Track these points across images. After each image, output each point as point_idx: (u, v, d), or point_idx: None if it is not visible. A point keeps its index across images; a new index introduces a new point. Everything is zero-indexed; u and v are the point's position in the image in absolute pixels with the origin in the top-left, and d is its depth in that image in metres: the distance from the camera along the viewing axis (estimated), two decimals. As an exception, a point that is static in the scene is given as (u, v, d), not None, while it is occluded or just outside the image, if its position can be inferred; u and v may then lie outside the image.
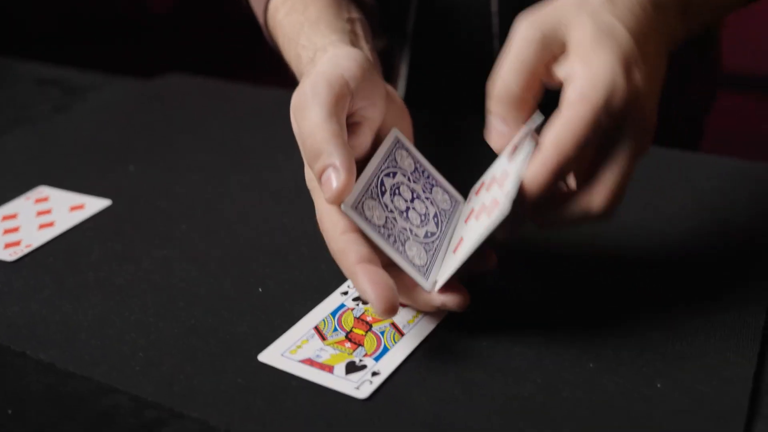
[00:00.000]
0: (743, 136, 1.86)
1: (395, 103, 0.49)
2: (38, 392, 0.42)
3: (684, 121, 0.87)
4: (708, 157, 0.65)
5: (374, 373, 0.42)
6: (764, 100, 2.20)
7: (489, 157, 0.47)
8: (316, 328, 0.46)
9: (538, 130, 0.43)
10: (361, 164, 0.45)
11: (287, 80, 0.63)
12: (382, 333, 0.45)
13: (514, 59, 0.42)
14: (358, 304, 0.48)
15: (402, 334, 0.45)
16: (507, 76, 0.43)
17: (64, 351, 0.45)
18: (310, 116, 0.43)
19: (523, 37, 0.42)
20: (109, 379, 0.42)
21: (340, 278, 0.50)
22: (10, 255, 0.54)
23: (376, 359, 0.43)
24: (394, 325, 0.46)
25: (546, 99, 0.45)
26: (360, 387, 0.41)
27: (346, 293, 0.49)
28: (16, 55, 1.03)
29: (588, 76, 0.40)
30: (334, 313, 0.47)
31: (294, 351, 0.44)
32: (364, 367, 0.42)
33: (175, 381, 0.42)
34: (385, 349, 0.44)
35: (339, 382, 0.41)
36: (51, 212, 0.60)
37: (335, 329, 0.45)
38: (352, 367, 0.42)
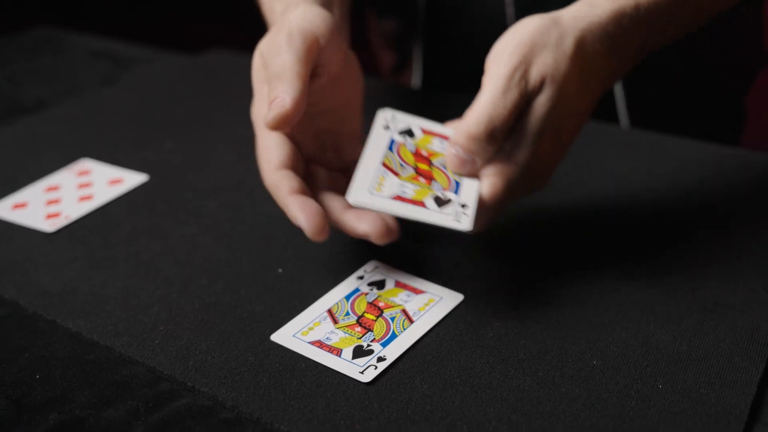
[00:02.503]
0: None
1: (352, 68, 0.52)
2: (64, 359, 0.45)
3: (722, 104, 0.85)
4: (741, 152, 0.64)
5: (380, 359, 0.43)
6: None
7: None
8: (329, 311, 0.47)
9: None
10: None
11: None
12: (392, 319, 0.46)
13: (495, 100, 0.44)
14: (372, 289, 0.49)
15: (411, 321, 0.46)
16: (490, 112, 0.44)
17: (91, 321, 0.47)
18: (282, 58, 0.46)
19: (505, 77, 0.44)
20: (129, 351, 0.45)
21: (357, 262, 0.51)
22: (50, 226, 0.57)
23: (384, 345, 0.44)
24: (404, 311, 0.47)
25: None
26: (365, 371, 0.42)
27: (361, 278, 0.50)
28: (72, 26, 1.07)
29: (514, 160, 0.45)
30: (348, 297, 0.48)
31: (305, 333, 0.45)
32: (371, 352, 0.44)
33: (191, 356, 0.44)
34: (393, 335, 0.45)
35: (345, 365, 0.43)
36: (91, 185, 0.62)
37: (347, 313, 0.47)
38: (359, 352, 0.44)
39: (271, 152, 0.47)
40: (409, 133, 0.48)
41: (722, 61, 0.81)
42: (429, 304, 0.47)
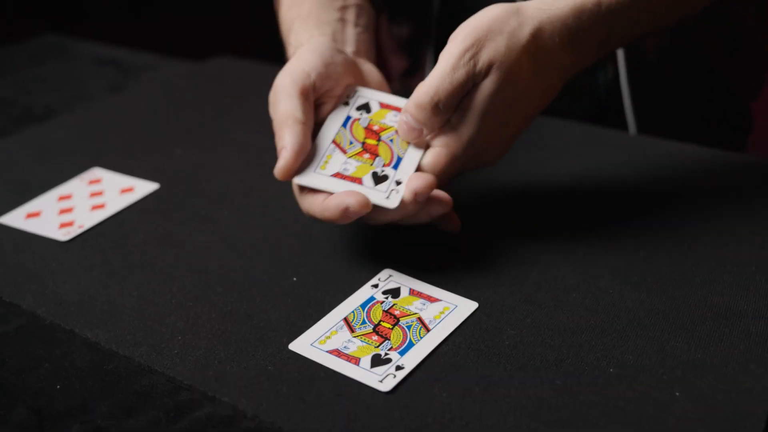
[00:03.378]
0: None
1: (370, 79, 0.57)
2: (83, 368, 0.45)
3: (729, 109, 0.85)
4: (750, 157, 0.65)
5: (398, 367, 0.43)
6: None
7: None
8: (346, 320, 0.47)
9: None
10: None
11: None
12: (409, 327, 0.47)
13: (441, 78, 0.49)
14: (387, 298, 0.49)
15: (428, 330, 0.46)
16: (437, 88, 0.49)
17: (109, 331, 0.47)
18: (279, 108, 0.51)
19: (454, 59, 0.48)
20: (148, 360, 0.45)
21: (371, 270, 0.52)
22: (63, 235, 0.57)
23: (401, 353, 0.45)
24: (420, 320, 0.47)
25: None
26: (383, 380, 0.43)
27: (376, 286, 0.50)
28: (74, 33, 1.07)
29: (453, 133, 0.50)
30: (363, 306, 0.49)
31: (323, 341, 0.46)
32: (389, 360, 0.44)
33: (210, 365, 0.44)
34: (410, 344, 0.45)
35: (364, 374, 0.43)
36: (103, 194, 0.62)
37: (363, 322, 0.47)
38: (377, 360, 0.44)
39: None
40: (366, 108, 0.52)
41: (729, 66, 0.81)
42: (444, 312, 0.48)
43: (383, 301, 0.49)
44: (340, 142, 0.50)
